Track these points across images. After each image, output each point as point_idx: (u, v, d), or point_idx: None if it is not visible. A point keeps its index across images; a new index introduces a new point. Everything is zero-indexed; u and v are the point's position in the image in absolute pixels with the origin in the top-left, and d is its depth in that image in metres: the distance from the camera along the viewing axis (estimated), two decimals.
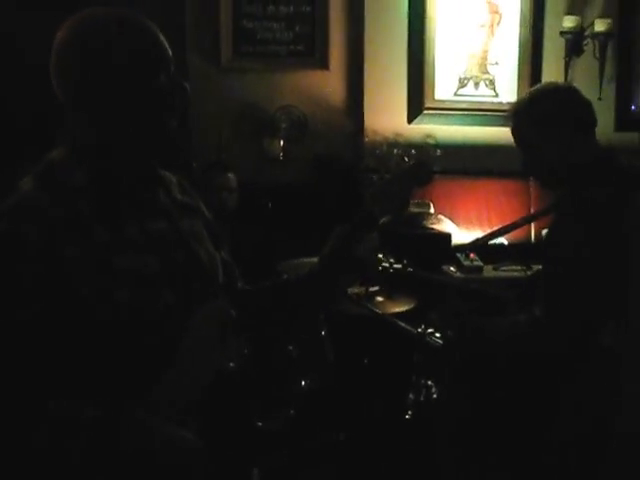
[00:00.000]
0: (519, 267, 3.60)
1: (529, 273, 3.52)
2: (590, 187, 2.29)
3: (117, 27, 1.45)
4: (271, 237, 3.78)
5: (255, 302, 1.72)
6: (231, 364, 1.44)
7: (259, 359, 2.20)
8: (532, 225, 4.32)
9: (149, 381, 1.36)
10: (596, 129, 2.40)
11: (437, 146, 4.32)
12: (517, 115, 2.44)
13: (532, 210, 4.37)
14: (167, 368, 1.38)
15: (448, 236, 3.93)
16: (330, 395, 2.79)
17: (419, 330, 2.73)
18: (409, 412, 2.74)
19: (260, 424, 2.37)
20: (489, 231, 3.24)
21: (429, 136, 4.38)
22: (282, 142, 4.20)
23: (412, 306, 3.05)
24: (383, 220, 1.66)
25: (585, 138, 2.39)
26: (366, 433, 2.70)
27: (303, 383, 2.66)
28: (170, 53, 1.51)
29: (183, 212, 1.60)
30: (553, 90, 2.49)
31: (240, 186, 3.64)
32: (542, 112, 2.37)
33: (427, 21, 4.26)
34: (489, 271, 3.61)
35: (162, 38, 1.50)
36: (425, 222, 4.04)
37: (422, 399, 2.72)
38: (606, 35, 4.34)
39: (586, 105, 2.44)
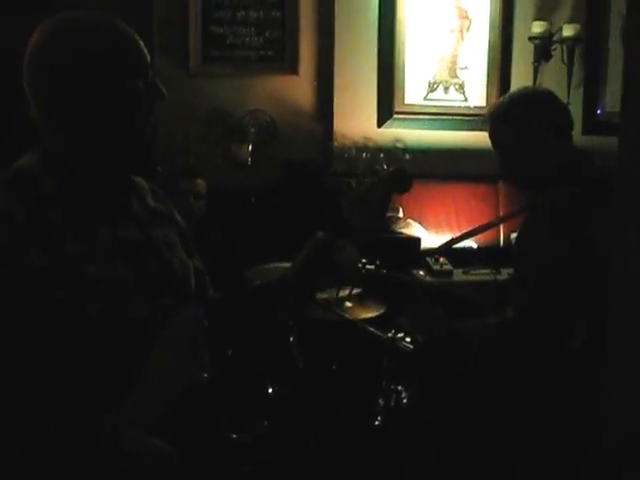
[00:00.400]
0: (488, 271, 3.60)
1: (498, 277, 3.52)
2: (561, 189, 2.30)
3: (91, 31, 1.42)
4: (240, 242, 3.76)
5: (227, 309, 1.69)
6: (205, 375, 1.41)
7: (230, 368, 2.17)
8: (501, 229, 4.33)
9: (120, 392, 1.34)
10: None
11: (406, 150, 4.32)
12: (494, 117, 2.45)
13: (501, 214, 4.38)
14: (138, 378, 1.35)
15: (417, 240, 3.93)
16: (299, 402, 2.77)
17: (389, 335, 2.72)
18: (379, 418, 2.72)
19: (234, 436, 2.33)
20: (458, 234, 3.23)
21: (398, 140, 4.37)
22: (250, 147, 4.17)
23: (382, 311, 3.04)
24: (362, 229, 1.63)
25: (561, 141, 2.40)
26: (336, 440, 2.67)
27: (270, 390, 2.64)
28: (148, 57, 1.48)
29: (156, 220, 1.58)
30: (531, 94, 2.51)
31: (208, 191, 3.61)
32: (519, 115, 2.38)
33: (397, 26, 4.26)
34: (459, 275, 3.61)
35: (139, 42, 1.47)
36: (394, 226, 4.04)
37: (392, 404, 2.71)
38: (574, 40, 4.37)
39: (563, 109, 2.46)
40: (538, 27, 4.36)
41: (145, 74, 1.47)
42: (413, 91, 4.37)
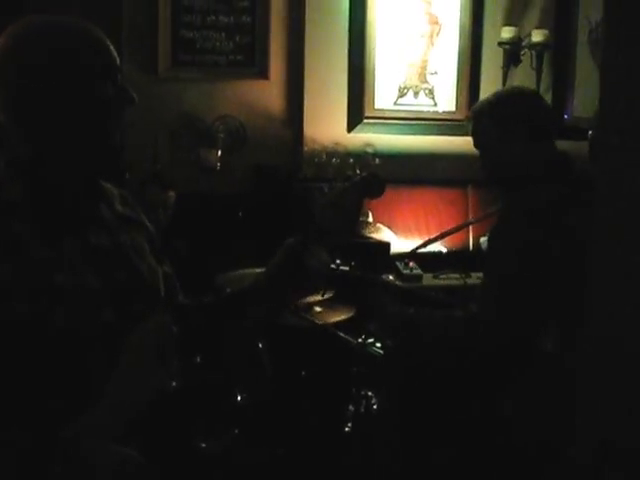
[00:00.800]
0: (458, 275, 3.61)
1: (468, 280, 3.53)
2: (540, 188, 2.31)
3: (59, 33, 1.39)
4: (209, 248, 3.73)
5: (198, 316, 1.67)
6: (173, 383, 1.38)
7: (199, 375, 2.14)
8: (470, 233, 4.35)
9: (86, 401, 1.31)
10: None
11: (376, 155, 4.33)
12: (479, 115, 2.45)
13: (470, 217, 4.40)
14: (105, 387, 1.32)
15: (387, 245, 3.93)
16: (268, 409, 2.75)
17: (359, 340, 2.71)
18: (349, 424, 2.71)
19: (203, 445, 2.31)
20: (430, 237, 3.24)
21: (368, 145, 4.38)
22: (220, 152, 4.15)
23: (351, 315, 3.02)
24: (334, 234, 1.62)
25: (544, 142, 2.41)
26: (306, 447, 2.66)
27: (239, 398, 2.62)
28: (117, 60, 1.46)
29: (124, 226, 1.55)
30: (517, 93, 2.52)
31: (176, 197, 3.59)
32: (504, 113, 2.39)
33: (367, 31, 4.26)
34: (428, 279, 3.62)
35: (108, 44, 1.45)
36: (364, 231, 4.04)
37: (362, 410, 2.70)
38: (543, 46, 4.40)
39: (547, 110, 2.48)
40: (507, 32, 4.39)
41: (114, 78, 1.45)
42: (383, 96, 4.38)
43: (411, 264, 3.59)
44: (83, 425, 1.29)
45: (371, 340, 2.74)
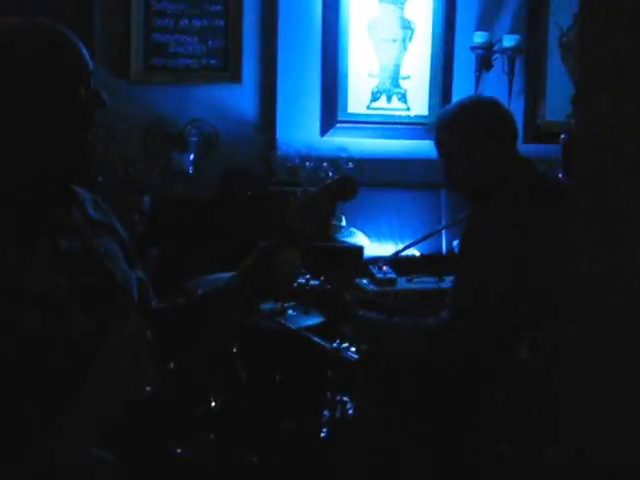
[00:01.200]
0: (432, 279, 3.62)
1: (442, 284, 3.55)
2: (505, 195, 2.32)
3: (25, 35, 1.37)
4: (181, 253, 3.71)
5: (172, 320, 1.66)
6: (148, 388, 1.36)
7: (173, 381, 2.12)
8: (444, 237, 4.36)
9: (59, 408, 1.29)
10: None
11: (350, 159, 4.32)
12: (440, 125, 2.46)
13: (443, 222, 4.42)
14: (80, 394, 1.30)
15: (360, 249, 3.92)
16: (242, 414, 2.73)
17: (334, 345, 2.70)
18: (324, 430, 2.69)
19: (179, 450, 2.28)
20: (407, 243, 3.25)
21: (342, 149, 4.37)
22: (192, 156, 4.12)
23: (322, 320, 3.00)
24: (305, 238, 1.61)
25: (505, 149, 2.42)
26: (280, 453, 2.63)
27: (213, 403, 2.59)
28: (90, 65, 1.44)
29: (97, 230, 1.53)
30: (475, 102, 2.53)
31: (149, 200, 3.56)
32: (464, 123, 2.40)
33: (341, 35, 4.25)
34: (402, 283, 3.61)
35: (79, 46, 1.43)
36: (337, 235, 4.03)
37: (338, 416, 2.68)
38: (514, 51, 4.43)
39: (507, 116, 2.48)
40: (479, 37, 4.41)
41: (87, 81, 1.43)
42: (356, 100, 4.37)
43: (385, 268, 3.59)
44: (57, 430, 1.27)
45: (346, 344, 2.73)
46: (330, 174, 4.02)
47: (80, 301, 1.40)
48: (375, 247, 4.11)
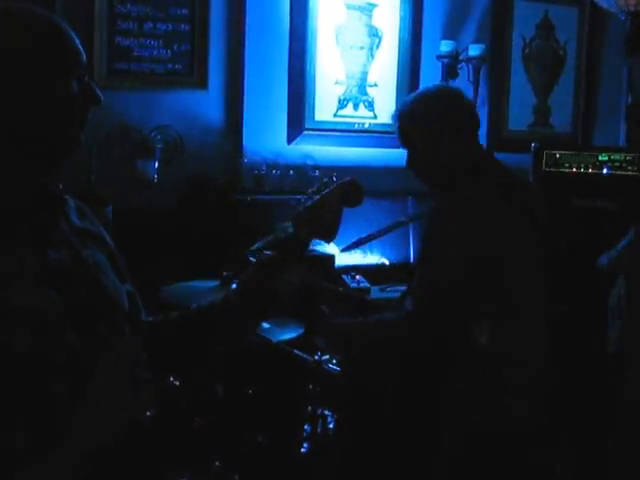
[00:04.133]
0: (404, 287, 3.58)
1: None
2: (465, 188, 2.31)
3: (15, 25, 1.26)
4: (146, 261, 3.61)
5: (166, 336, 1.57)
6: (148, 413, 1.27)
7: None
8: (411, 245, 4.35)
9: (50, 438, 1.18)
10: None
11: (316, 167, 4.28)
12: (401, 114, 2.45)
13: (410, 231, 4.40)
14: (72, 417, 1.19)
15: (332, 257, 3.88)
16: (221, 430, 2.65)
17: (315, 358, 2.64)
18: (305, 445, 2.64)
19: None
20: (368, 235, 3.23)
21: (309, 157, 4.32)
22: (157, 164, 4.02)
23: (300, 333, 2.96)
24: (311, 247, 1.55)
25: (465, 140, 2.41)
26: (261, 470, 2.57)
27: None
28: (84, 57, 1.35)
29: (85, 240, 1.42)
30: (436, 92, 2.51)
31: (113, 210, 3.46)
32: (423, 112, 2.38)
33: (308, 42, 4.20)
34: (376, 292, 3.57)
35: (74, 38, 1.33)
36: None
37: (319, 431, 2.62)
38: (479, 60, 4.44)
39: (468, 108, 2.47)
40: (445, 46, 4.41)
41: (79, 74, 1.34)
42: (323, 108, 4.33)
43: (357, 277, 3.54)
44: (46, 461, 1.17)
45: (327, 357, 2.68)
46: (335, 179, 3.95)
47: (70, 317, 1.28)
48: (344, 256, 4.06)
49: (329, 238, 1.54)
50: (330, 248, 3.99)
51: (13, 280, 1.22)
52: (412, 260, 4.32)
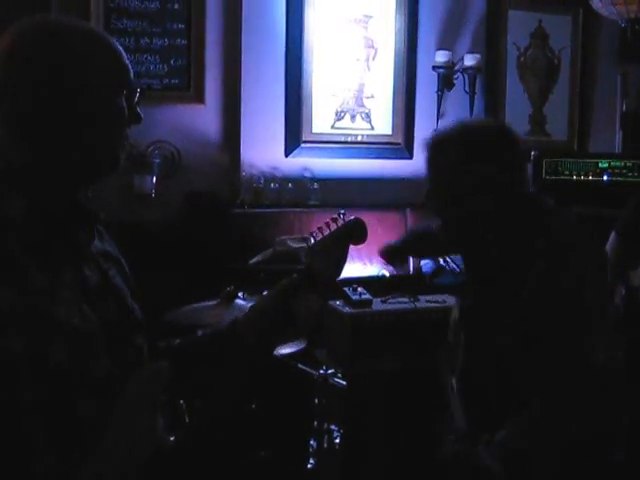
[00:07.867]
0: (406, 299, 3.57)
1: (417, 304, 3.51)
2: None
3: (76, 40, 1.26)
4: (143, 278, 3.58)
5: (186, 360, 1.55)
6: (172, 438, 1.25)
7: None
8: (410, 257, 4.33)
9: (77, 461, 1.15)
10: None
11: (314, 179, 4.28)
12: (444, 144, 2.31)
13: None
14: (99, 441, 1.17)
15: None
16: (226, 445, 2.63)
17: (321, 372, 2.63)
18: (311, 460, 2.62)
19: None
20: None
21: (306, 169, 4.32)
22: (154, 179, 4.01)
23: (302, 346, 2.94)
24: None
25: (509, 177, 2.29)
26: None
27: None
28: (131, 73, 1.35)
29: (108, 261, 1.41)
30: (476, 125, 2.42)
31: (110, 225, 3.43)
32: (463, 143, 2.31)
33: (304, 54, 4.21)
34: (378, 304, 3.55)
35: (124, 57, 1.34)
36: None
37: (325, 446, 2.60)
38: (475, 70, 4.46)
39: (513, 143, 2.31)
40: (441, 57, 4.43)
41: (129, 93, 1.34)
42: (320, 120, 4.33)
43: (359, 289, 3.52)
44: None
45: (332, 371, 2.66)
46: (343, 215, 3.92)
47: (105, 336, 1.27)
48: (345, 268, 4.04)
49: (337, 273, 1.63)
50: None
51: (56, 296, 1.20)
52: (411, 272, 4.30)
